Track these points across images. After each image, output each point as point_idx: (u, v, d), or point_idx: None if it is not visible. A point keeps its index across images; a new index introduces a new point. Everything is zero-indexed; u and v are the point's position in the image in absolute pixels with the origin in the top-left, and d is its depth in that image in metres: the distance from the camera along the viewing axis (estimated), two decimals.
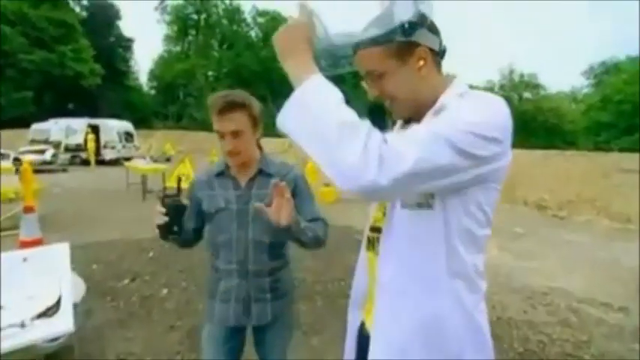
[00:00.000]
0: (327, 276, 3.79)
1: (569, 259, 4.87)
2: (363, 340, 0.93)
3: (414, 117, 0.86)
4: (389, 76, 0.79)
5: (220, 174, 1.32)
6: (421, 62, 0.78)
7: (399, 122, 0.96)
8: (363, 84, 0.85)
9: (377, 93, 0.83)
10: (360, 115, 0.67)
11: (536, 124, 35.53)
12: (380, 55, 0.78)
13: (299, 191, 1.29)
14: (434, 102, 0.80)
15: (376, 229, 0.92)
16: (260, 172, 1.30)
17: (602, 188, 8.34)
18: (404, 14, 0.73)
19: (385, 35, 0.75)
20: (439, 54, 0.82)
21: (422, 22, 0.75)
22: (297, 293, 3.39)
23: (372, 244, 0.93)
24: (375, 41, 0.76)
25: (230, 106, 1.17)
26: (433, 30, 0.78)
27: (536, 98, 40.42)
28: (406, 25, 0.74)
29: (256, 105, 1.24)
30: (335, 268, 3.98)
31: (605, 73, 36.04)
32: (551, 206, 8.36)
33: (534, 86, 41.83)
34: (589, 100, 35.64)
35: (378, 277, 0.87)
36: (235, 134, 1.20)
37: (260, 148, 1.35)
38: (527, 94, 41.52)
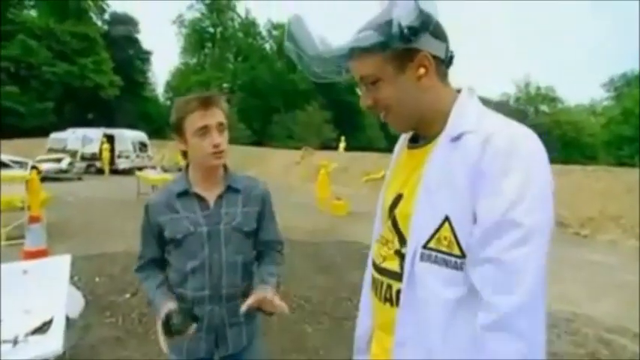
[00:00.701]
0: (334, 295, 3.62)
1: (593, 282, 4.57)
2: None
3: (418, 132, 0.77)
4: (384, 84, 0.70)
5: (183, 194, 1.18)
6: (422, 70, 0.69)
7: (405, 137, 0.85)
8: (358, 90, 0.77)
9: (370, 102, 0.74)
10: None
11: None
12: (375, 60, 0.69)
13: (266, 211, 1.28)
14: (439, 116, 0.71)
15: (384, 272, 0.77)
16: (228, 188, 1.21)
17: (627, 205, 7.92)
18: (404, 17, 0.64)
19: (381, 43, 0.66)
20: (444, 62, 0.72)
21: (424, 26, 0.65)
22: (303, 313, 3.29)
23: (379, 289, 0.78)
24: (369, 49, 0.67)
25: (212, 101, 1.14)
26: (438, 35, 0.69)
27: (554, 111, 39.60)
28: (405, 31, 0.64)
29: (226, 106, 1.21)
30: (342, 287, 3.80)
31: (626, 85, 35.00)
32: (572, 224, 7.98)
33: (551, 99, 41.01)
34: (609, 113, 34.60)
35: (395, 335, 0.72)
36: (221, 127, 1.14)
37: (224, 165, 1.24)
38: (543, 107, 40.75)
